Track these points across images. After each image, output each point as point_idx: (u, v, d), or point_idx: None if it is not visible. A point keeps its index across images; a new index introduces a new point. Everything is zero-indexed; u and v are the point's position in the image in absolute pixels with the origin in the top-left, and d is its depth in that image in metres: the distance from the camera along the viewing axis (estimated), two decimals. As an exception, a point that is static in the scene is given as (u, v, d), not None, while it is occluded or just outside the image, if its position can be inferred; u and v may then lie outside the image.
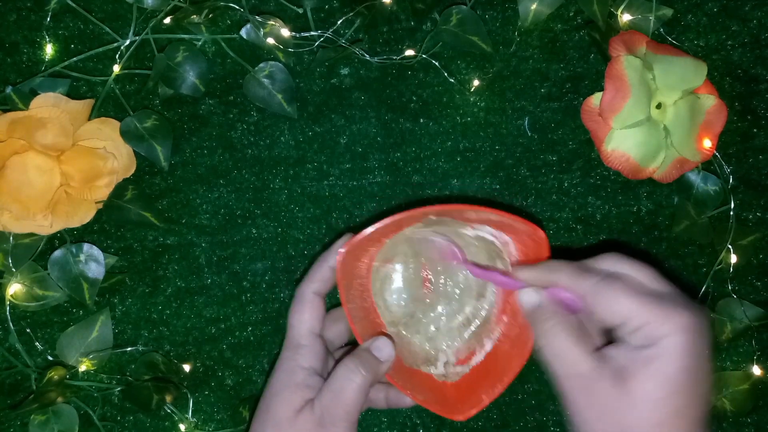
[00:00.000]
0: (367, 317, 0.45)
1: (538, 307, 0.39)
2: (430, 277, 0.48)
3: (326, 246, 0.44)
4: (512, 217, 0.42)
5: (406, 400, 0.46)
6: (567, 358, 0.36)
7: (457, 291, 0.48)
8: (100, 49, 0.49)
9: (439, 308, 0.48)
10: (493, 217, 0.43)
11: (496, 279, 0.43)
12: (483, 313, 0.48)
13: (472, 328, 0.48)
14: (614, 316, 0.36)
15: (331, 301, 0.51)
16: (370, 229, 0.41)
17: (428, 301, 0.47)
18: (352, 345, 0.48)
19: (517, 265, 0.42)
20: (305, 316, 0.42)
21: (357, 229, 0.51)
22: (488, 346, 0.47)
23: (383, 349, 0.42)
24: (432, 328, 0.48)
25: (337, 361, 0.42)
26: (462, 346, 0.47)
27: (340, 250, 0.42)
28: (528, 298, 0.40)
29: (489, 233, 0.46)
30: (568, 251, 0.53)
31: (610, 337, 0.39)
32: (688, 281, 0.53)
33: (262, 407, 0.42)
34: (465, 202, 0.52)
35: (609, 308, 0.36)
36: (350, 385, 0.40)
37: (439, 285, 0.48)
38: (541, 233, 0.42)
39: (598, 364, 0.35)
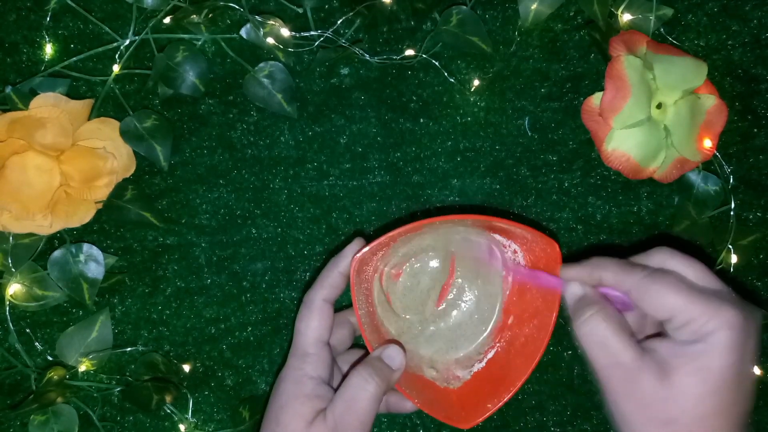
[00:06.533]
0: (373, 322, 0.45)
1: (581, 298, 0.39)
2: (434, 282, 0.48)
3: (332, 249, 0.44)
4: (525, 228, 0.42)
5: (406, 405, 0.45)
6: (608, 348, 0.36)
7: (461, 297, 0.48)
8: (100, 49, 0.49)
9: (442, 313, 0.48)
10: (503, 226, 0.43)
11: (541, 279, 0.43)
12: (486, 319, 0.48)
13: (475, 334, 0.48)
14: (661, 311, 0.35)
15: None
16: (383, 238, 0.41)
17: (431, 306, 0.47)
18: (355, 348, 0.48)
19: (565, 263, 0.42)
20: (314, 324, 0.42)
21: (364, 231, 0.52)
22: (490, 353, 0.47)
23: (395, 357, 0.42)
24: (434, 333, 0.47)
25: (348, 370, 0.42)
26: (463, 352, 0.47)
27: (355, 257, 0.41)
28: (572, 290, 0.40)
29: (499, 241, 0.46)
30: (618, 249, 0.53)
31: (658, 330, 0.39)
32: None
33: (271, 419, 0.41)
34: (466, 203, 0.52)
35: (655, 303, 0.35)
36: (364, 394, 0.39)
37: (442, 291, 0.48)
38: (556, 248, 0.42)
39: (641, 355, 0.35)
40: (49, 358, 0.51)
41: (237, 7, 0.47)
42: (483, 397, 0.44)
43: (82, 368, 0.50)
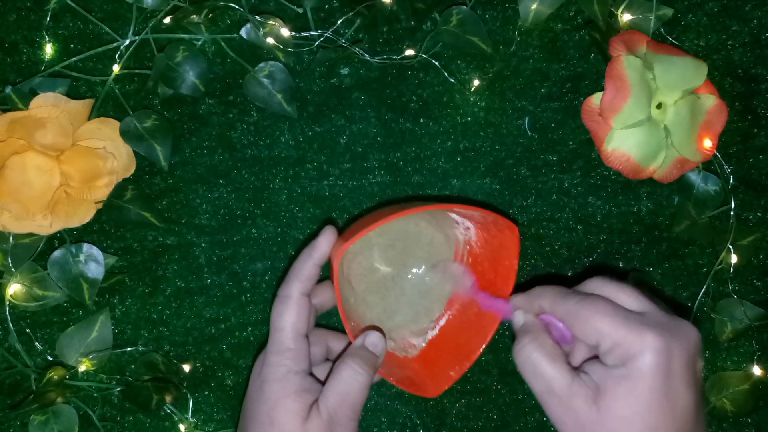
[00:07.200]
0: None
1: (521, 325, 0.41)
2: (387, 258, 0.48)
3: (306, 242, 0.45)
4: (486, 212, 0.43)
5: None
6: (542, 376, 0.37)
7: (416, 274, 0.49)
8: (100, 49, 0.49)
9: (400, 290, 0.49)
10: (463, 212, 0.45)
11: (496, 307, 0.44)
12: (436, 289, 0.49)
13: (430, 307, 0.49)
14: (590, 335, 0.37)
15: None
16: (364, 232, 0.41)
17: (390, 284, 0.49)
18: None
19: (513, 294, 0.44)
20: (293, 319, 0.42)
21: (333, 219, 0.52)
22: (442, 320, 0.49)
23: (378, 344, 0.43)
24: (393, 308, 0.48)
25: (334, 361, 0.43)
26: (418, 323, 0.49)
27: (341, 249, 0.42)
28: (516, 319, 0.42)
29: (454, 219, 0.48)
30: (561, 278, 0.54)
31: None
32: (688, 282, 0.54)
33: (263, 422, 0.41)
34: (464, 201, 0.52)
35: (585, 328, 0.37)
36: (357, 386, 0.41)
37: (395, 263, 0.49)
38: (515, 231, 0.44)
39: (573, 381, 0.36)
40: (49, 358, 0.51)
41: (237, 7, 0.48)
42: (444, 366, 0.46)
43: (82, 368, 0.50)
